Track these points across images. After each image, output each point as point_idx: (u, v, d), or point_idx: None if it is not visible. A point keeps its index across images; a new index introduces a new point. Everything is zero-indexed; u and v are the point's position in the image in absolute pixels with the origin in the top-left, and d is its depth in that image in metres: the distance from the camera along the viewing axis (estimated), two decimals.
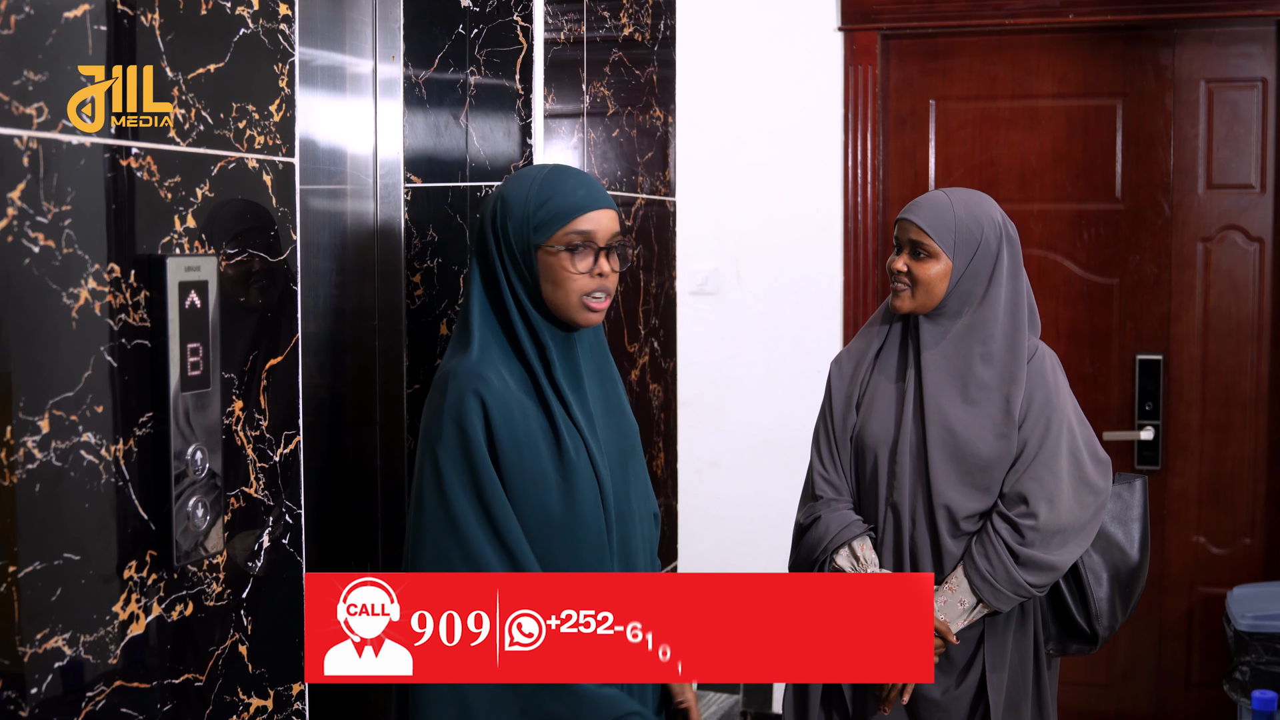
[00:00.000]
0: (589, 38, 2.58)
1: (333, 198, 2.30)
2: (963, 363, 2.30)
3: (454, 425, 1.80)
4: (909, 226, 2.31)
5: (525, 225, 1.87)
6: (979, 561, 2.24)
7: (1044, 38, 3.92)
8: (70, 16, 1.47)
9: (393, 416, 2.37)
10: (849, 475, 2.39)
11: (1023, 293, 2.34)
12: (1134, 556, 2.41)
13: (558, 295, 1.87)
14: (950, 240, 2.28)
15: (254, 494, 1.78)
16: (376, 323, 2.37)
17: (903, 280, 2.31)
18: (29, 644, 1.43)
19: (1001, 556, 2.23)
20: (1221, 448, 3.89)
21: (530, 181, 1.90)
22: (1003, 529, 2.24)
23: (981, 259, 2.29)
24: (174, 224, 1.62)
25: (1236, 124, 3.83)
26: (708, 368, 4.10)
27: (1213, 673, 3.86)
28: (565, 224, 1.86)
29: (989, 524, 2.26)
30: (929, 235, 2.28)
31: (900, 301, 2.32)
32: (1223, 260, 3.86)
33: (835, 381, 2.44)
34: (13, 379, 1.40)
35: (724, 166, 4.07)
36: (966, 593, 2.25)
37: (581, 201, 1.88)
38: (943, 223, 2.28)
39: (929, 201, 2.32)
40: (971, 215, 2.30)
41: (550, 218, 1.86)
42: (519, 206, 1.88)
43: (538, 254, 1.87)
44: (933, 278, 2.28)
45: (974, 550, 2.26)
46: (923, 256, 2.29)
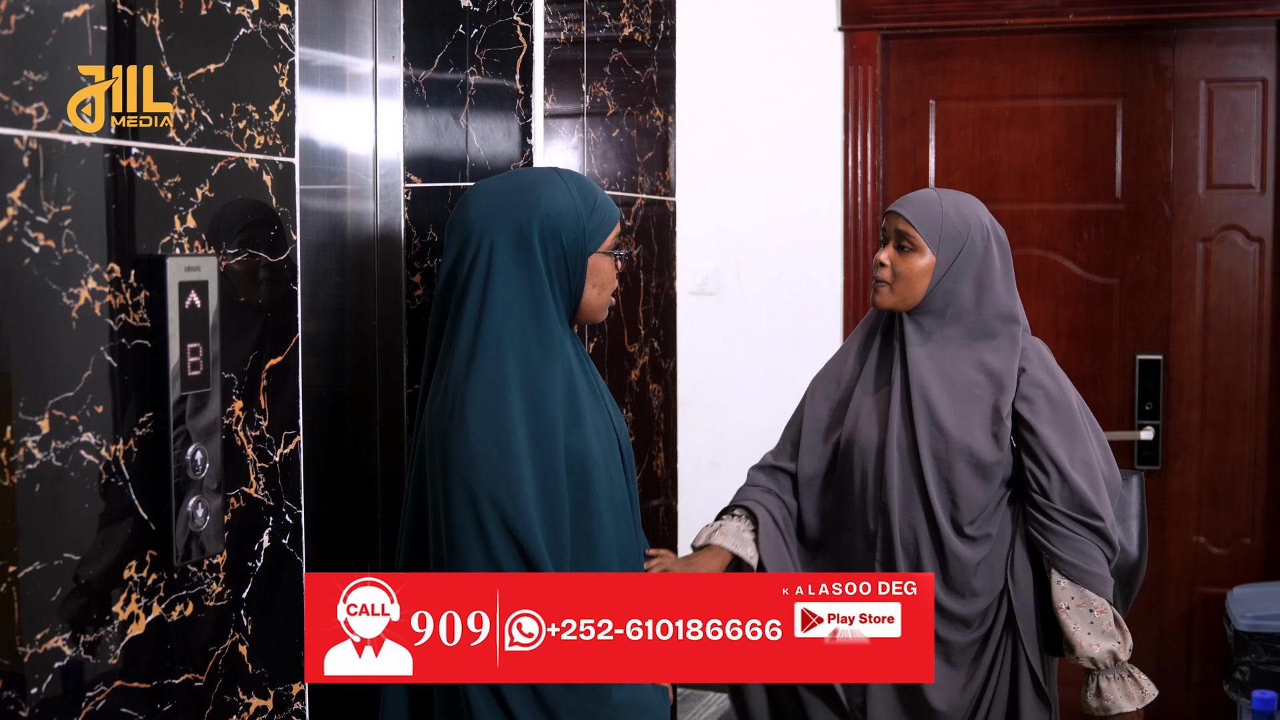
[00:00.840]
0: (589, 38, 2.58)
1: (333, 198, 2.30)
2: (952, 364, 2.28)
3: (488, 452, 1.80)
4: (896, 218, 2.30)
5: (581, 231, 1.91)
6: (1076, 560, 2.20)
7: (1044, 38, 3.92)
8: (70, 16, 1.47)
9: (393, 416, 2.36)
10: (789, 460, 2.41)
11: (1015, 295, 2.33)
12: (1133, 553, 2.41)
13: (600, 297, 1.96)
14: (936, 235, 2.27)
15: (254, 494, 1.78)
16: (376, 323, 2.37)
17: (885, 274, 2.29)
18: (29, 644, 1.43)
19: (1091, 553, 2.21)
20: (1221, 448, 3.89)
21: (564, 190, 1.92)
22: (1089, 535, 2.22)
23: (966, 259, 2.28)
24: (174, 224, 1.62)
25: (1236, 124, 3.83)
26: (708, 368, 4.10)
27: (1213, 673, 3.86)
28: (612, 228, 1.96)
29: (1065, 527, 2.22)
30: (915, 228, 2.27)
31: (880, 298, 2.30)
32: (1223, 260, 3.86)
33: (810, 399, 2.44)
34: (13, 379, 1.40)
35: (724, 166, 4.07)
36: (1084, 592, 2.22)
37: (614, 206, 1.98)
38: (930, 217, 2.27)
39: (918, 196, 2.32)
40: (960, 214, 2.29)
41: (602, 222, 1.94)
42: (570, 215, 1.90)
43: (589, 259, 1.93)
44: (915, 272, 2.27)
45: (1062, 552, 2.22)
46: (907, 249, 2.28)
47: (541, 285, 1.88)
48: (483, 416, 1.80)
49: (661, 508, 2.94)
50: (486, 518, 1.78)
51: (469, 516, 1.79)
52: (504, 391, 1.82)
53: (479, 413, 1.81)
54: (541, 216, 1.88)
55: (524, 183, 1.93)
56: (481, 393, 1.82)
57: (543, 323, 1.87)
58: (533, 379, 1.84)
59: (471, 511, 1.79)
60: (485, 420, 1.81)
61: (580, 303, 1.94)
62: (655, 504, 2.91)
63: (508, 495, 1.79)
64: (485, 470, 1.79)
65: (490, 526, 1.78)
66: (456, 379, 1.84)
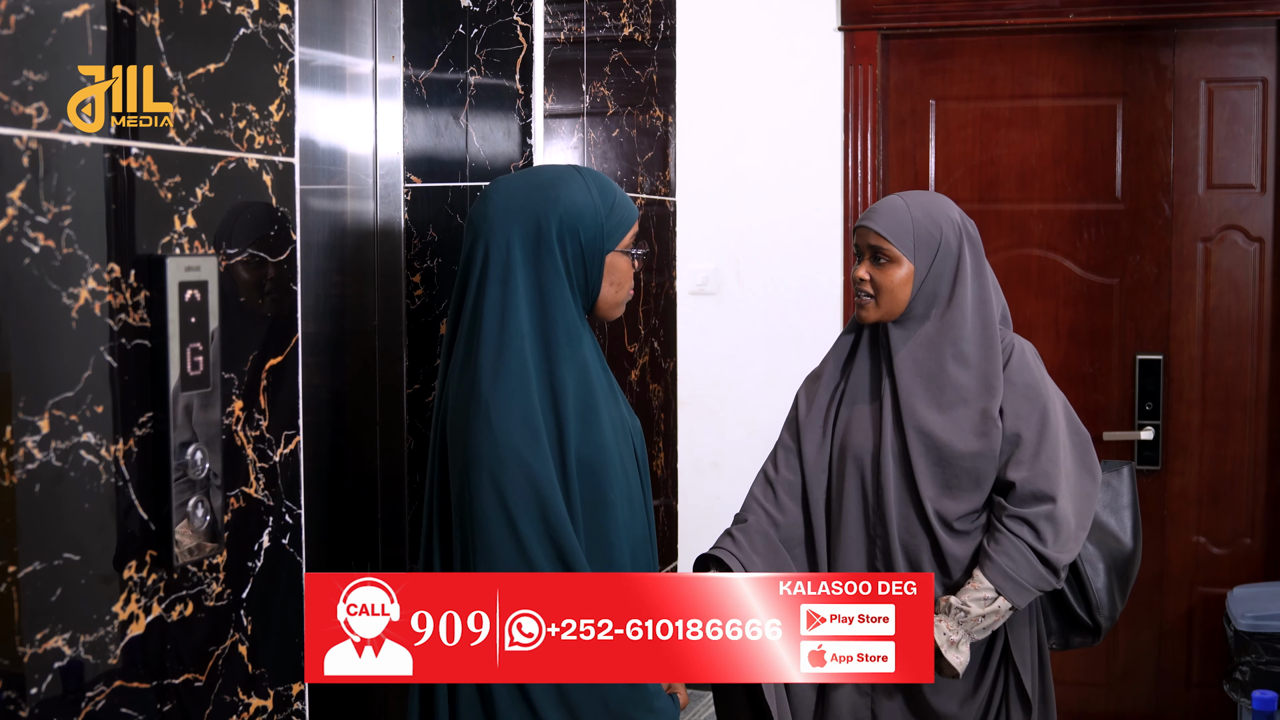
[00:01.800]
0: (589, 38, 2.58)
1: (333, 198, 2.30)
2: (935, 366, 2.27)
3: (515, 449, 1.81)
4: (867, 233, 2.27)
5: (599, 230, 1.92)
6: (1000, 560, 2.19)
7: (1044, 38, 3.92)
8: (70, 16, 1.47)
9: (393, 416, 2.36)
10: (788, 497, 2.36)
11: (989, 289, 2.32)
12: (1128, 544, 2.40)
13: (618, 295, 1.98)
14: (910, 243, 2.26)
15: (254, 494, 1.78)
16: (376, 323, 2.37)
17: (866, 289, 2.27)
18: (29, 644, 1.43)
19: (1024, 553, 2.18)
20: (1221, 448, 3.89)
21: (583, 188, 1.93)
22: (1022, 530, 2.20)
23: (943, 260, 2.27)
24: (174, 224, 1.62)
25: (1236, 124, 3.83)
26: (708, 368, 4.10)
27: (1213, 673, 3.86)
28: (630, 226, 1.97)
29: (1003, 523, 2.22)
30: (888, 240, 2.26)
31: (866, 312, 2.28)
32: (1223, 260, 3.86)
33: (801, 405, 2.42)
34: (13, 379, 1.40)
35: (724, 166, 4.07)
36: (989, 590, 2.21)
37: (633, 204, 1.99)
38: (900, 226, 2.26)
39: (884, 207, 2.30)
40: (929, 216, 2.28)
41: (620, 221, 1.95)
42: (589, 213, 1.91)
43: (607, 258, 1.93)
44: (896, 284, 2.26)
45: (991, 551, 2.21)
46: (884, 262, 2.26)
47: (560, 282, 1.89)
48: (510, 412, 1.82)
49: (661, 508, 2.94)
50: (519, 516, 1.79)
51: (499, 512, 1.80)
52: (528, 388, 1.83)
53: (506, 409, 1.82)
54: (561, 213, 1.89)
55: (544, 180, 1.94)
56: (508, 389, 1.83)
57: (562, 319, 1.88)
58: (552, 374, 1.86)
59: (501, 507, 1.80)
60: (513, 416, 1.82)
61: (597, 300, 1.95)
62: (655, 504, 2.91)
63: (542, 492, 1.81)
64: (516, 467, 1.80)
65: (523, 524, 1.79)
66: (481, 376, 1.85)
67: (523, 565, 1.79)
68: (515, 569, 1.80)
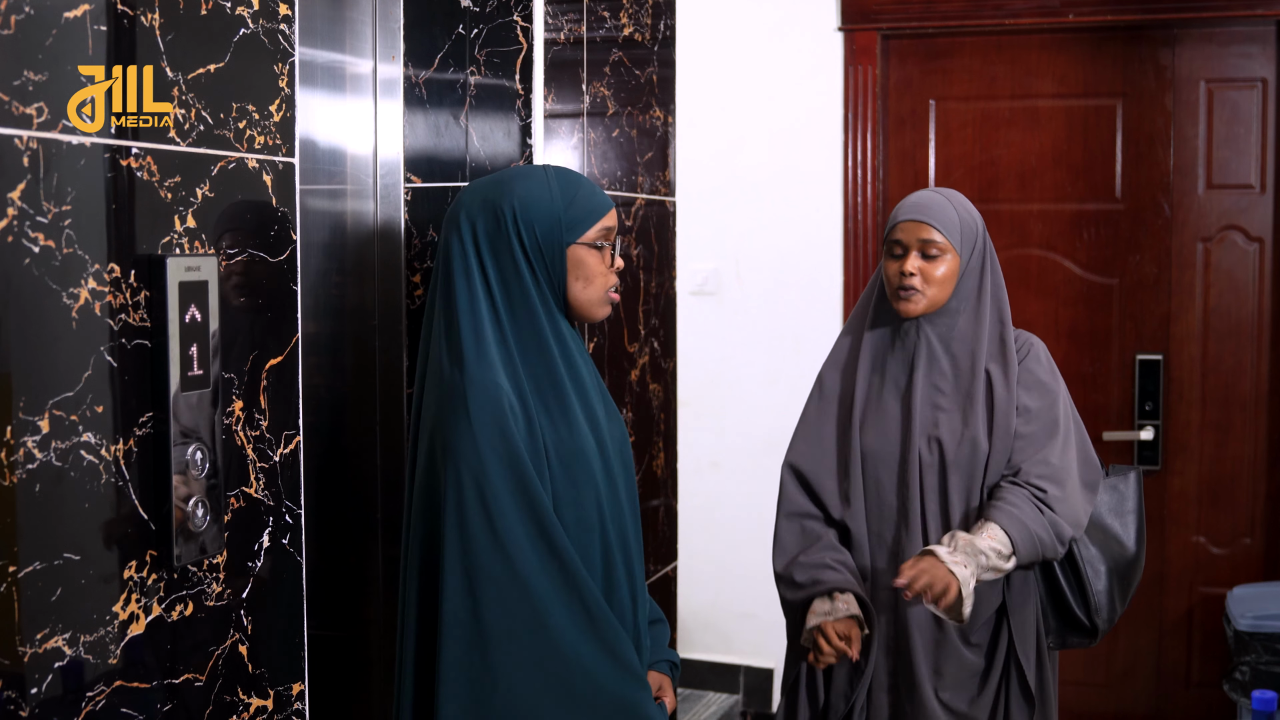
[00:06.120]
0: (589, 38, 2.58)
1: (333, 198, 2.30)
2: (962, 362, 2.30)
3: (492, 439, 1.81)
4: (918, 226, 2.27)
5: (556, 223, 1.90)
6: (1007, 507, 2.19)
7: (1044, 38, 3.92)
8: (70, 16, 1.47)
9: (393, 416, 2.36)
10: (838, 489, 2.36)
11: (1002, 285, 2.37)
12: (1131, 549, 2.41)
13: (588, 291, 1.93)
14: (958, 235, 2.28)
15: (254, 494, 1.78)
16: (376, 323, 2.37)
17: (915, 282, 2.26)
18: (29, 644, 1.43)
19: (1031, 504, 2.20)
20: (1221, 448, 3.89)
21: (541, 181, 1.93)
22: (1029, 489, 2.23)
23: (978, 254, 2.31)
24: (174, 224, 1.62)
25: (1236, 124, 3.83)
26: (708, 368, 4.10)
27: (1213, 673, 3.86)
28: (596, 221, 1.93)
29: (1010, 483, 2.24)
30: (941, 232, 2.27)
31: (913, 305, 2.27)
32: (1223, 260, 3.86)
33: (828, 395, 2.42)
34: (13, 379, 1.40)
35: (724, 166, 4.07)
36: (998, 532, 2.18)
37: (603, 200, 1.96)
38: (949, 219, 2.28)
39: (927, 201, 2.31)
40: (966, 210, 2.33)
41: (583, 215, 1.92)
42: (543, 205, 1.90)
43: (569, 251, 1.91)
44: (945, 277, 2.28)
45: (998, 501, 2.22)
46: (934, 256, 2.27)
47: (521, 274, 1.89)
48: (480, 407, 1.81)
49: (661, 508, 2.94)
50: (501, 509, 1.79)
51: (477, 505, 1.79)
52: (496, 380, 1.83)
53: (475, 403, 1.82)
54: (513, 205, 1.90)
55: (506, 175, 1.96)
56: (475, 383, 1.83)
57: (523, 311, 1.89)
58: (514, 365, 1.86)
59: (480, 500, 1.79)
60: (484, 410, 1.82)
61: (567, 297, 1.93)
62: (655, 504, 2.91)
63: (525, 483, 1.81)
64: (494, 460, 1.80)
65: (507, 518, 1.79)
66: (446, 370, 1.86)
67: (501, 560, 1.79)
68: (495, 563, 1.79)
